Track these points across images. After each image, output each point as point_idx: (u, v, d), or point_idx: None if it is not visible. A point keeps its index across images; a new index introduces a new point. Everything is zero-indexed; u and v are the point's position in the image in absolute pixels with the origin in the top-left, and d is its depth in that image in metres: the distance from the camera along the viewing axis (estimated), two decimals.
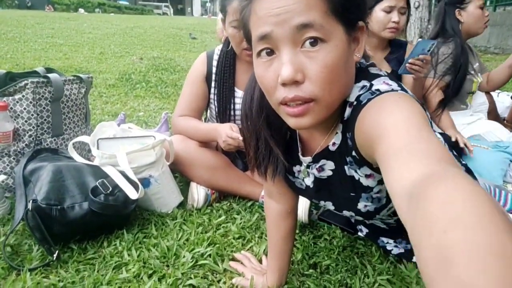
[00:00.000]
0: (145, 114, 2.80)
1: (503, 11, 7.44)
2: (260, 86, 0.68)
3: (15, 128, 1.47)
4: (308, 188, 0.89)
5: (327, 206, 0.93)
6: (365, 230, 1.23)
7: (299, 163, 0.87)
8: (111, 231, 1.27)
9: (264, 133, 0.80)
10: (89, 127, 1.79)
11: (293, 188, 0.95)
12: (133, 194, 1.27)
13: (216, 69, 1.54)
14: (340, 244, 1.25)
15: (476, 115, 1.99)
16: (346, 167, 0.77)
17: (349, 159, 0.74)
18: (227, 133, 1.39)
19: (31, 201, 1.11)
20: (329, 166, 0.80)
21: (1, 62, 4.51)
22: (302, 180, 0.90)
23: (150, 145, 1.39)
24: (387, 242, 1.16)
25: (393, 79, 0.69)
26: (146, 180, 1.39)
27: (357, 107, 0.65)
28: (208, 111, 1.68)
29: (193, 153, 1.51)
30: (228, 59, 1.53)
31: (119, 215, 1.26)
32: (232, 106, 1.56)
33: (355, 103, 0.66)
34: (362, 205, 0.83)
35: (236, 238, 1.28)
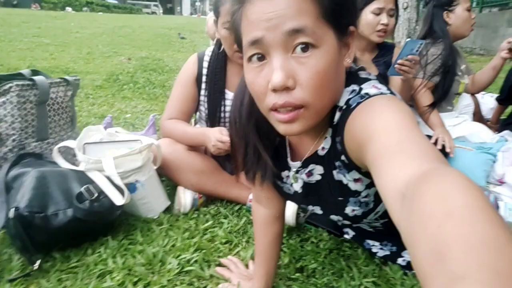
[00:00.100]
0: (132, 116, 2.77)
1: (488, 12, 7.56)
2: (250, 92, 0.68)
3: None
4: (296, 193, 0.90)
5: (315, 211, 0.93)
6: (351, 233, 1.24)
7: (287, 168, 0.87)
8: (95, 238, 1.25)
9: (253, 138, 0.80)
10: (75, 131, 1.77)
11: (281, 193, 0.95)
12: (119, 200, 1.25)
13: (208, 71, 1.53)
14: (326, 247, 1.26)
15: (461, 116, 2.01)
16: (334, 172, 0.77)
17: (338, 163, 0.75)
18: (217, 137, 1.38)
19: (13, 208, 1.09)
20: (318, 171, 0.81)
21: None
22: (290, 185, 0.90)
23: (137, 149, 1.37)
24: (373, 245, 1.17)
25: (382, 82, 0.69)
26: (132, 185, 1.37)
27: (346, 111, 0.65)
28: (197, 114, 1.67)
29: (180, 157, 1.50)
30: (219, 60, 1.52)
31: (105, 222, 1.25)
32: (223, 108, 1.55)
33: (344, 107, 0.66)
34: (350, 210, 0.84)
35: (223, 243, 1.27)
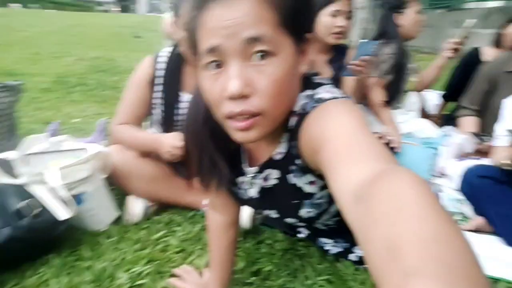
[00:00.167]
0: (82, 120, 2.65)
1: (434, 13, 7.95)
2: (205, 99, 0.66)
3: None
4: (253, 198, 0.89)
5: (271, 215, 0.93)
6: (305, 232, 1.25)
7: (243, 174, 0.87)
8: (36, 257, 1.17)
9: (208, 145, 0.79)
10: (16, 140, 1.66)
11: (237, 198, 0.95)
12: (64, 214, 1.19)
13: (165, 72, 1.47)
14: (281, 247, 1.27)
15: (409, 113, 2.11)
16: (290, 176, 0.78)
17: (293, 167, 0.76)
18: (170, 143, 1.34)
19: None
20: (274, 175, 0.81)
21: None
22: (246, 190, 0.90)
23: (84, 158, 1.31)
24: (326, 243, 1.20)
25: (336, 86, 0.71)
26: (79, 196, 1.31)
27: (301, 116, 0.66)
28: (151, 118, 1.61)
29: (131, 164, 1.45)
30: (175, 62, 1.47)
31: (48, 238, 1.17)
32: (178, 111, 1.51)
33: (299, 112, 0.67)
34: (305, 212, 0.85)
35: (176, 252, 1.24)
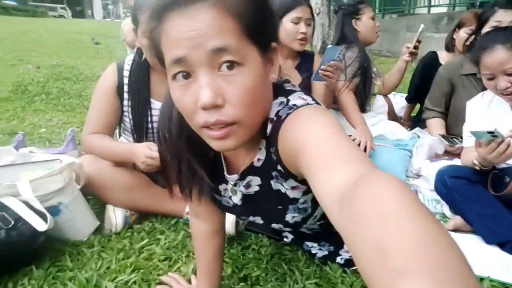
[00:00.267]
0: (47, 130, 2.53)
1: (389, 18, 8.36)
2: (178, 109, 0.65)
3: None
4: (236, 206, 0.89)
5: (256, 221, 0.93)
6: (290, 237, 1.27)
7: (225, 182, 0.86)
8: (17, 269, 1.12)
9: (186, 154, 0.77)
10: None
11: (220, 206, 0.94)
12: (40, 226, 1.14)
13: (129, 80, 1.44)
14: (268, 252, 1.27)
15: (378, 116, 2.19)
16: (272, 182, 0.79)
17: (275, 173, 0.76)
18: (146, 153, 1.31)
19: None
20: (255, 182, 0.81)
21: None
22: (229, 198, 0.89)
23: (57, 169, 1.26)
24: (312, 246, 1.21)
25: (307, 93, 0.72)
26: (55, 208, 1.25)
27: (277, 122, 0.67)
28: (122, 126, 1.57)
29: (106, 173, 1.40)
30: (141, 69, 1.45)
31: (26, 251, 1.12)
32: (150, 119, 1.48)
33: (275, 119, 0.68)
34: (290, 217, 0.86)
35: (161, 260, 1.22)
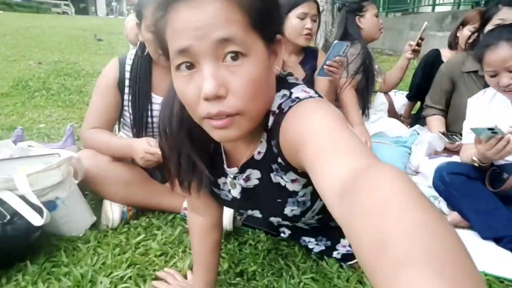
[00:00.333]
0: (47, 126, 2.52)
1: (393, 17, 8.33)
2: (181, 100, 0.65)
3: None
4: (235, 199, 0.89)
5: (255, 215, 0.93)
6: (287, 232, 1.26)
7: (224, 175, 0.86)
8: (11, 264, 1.12)
9: (186, 148, 0.77)
10: None
11: (219, 200, 0.94)
12: (37, 221, 1.13)
13: (130, 74, 1.44)
14: (264, 248, 1.27)
15: (378, 113, 2.19)
16: (272, 175, 0.79)
17: (275, 166, 0.76)
18: (145, 148, 1.30)
19: None
20: (255, 175, 0.81)
21: None
22: (228, 191, 0.89)
23: (55, 164, 1.25)
24: (309, 241, 1.21)
25: (310, 86, 0.72)
26: (52, 202, 1.25)
27: (279, 115, 0.66)
28: (122, 120, 1.57)
29: (105, 168, 1.40)
30: (143, 63, 1.44)
31: (21, 246, 1.12)
32: (150, 113, 1.48)
33: (277, 111, 0.67)
34: (289, 210, 0.86)
35: (157, 255, 1.22)
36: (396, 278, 0.26)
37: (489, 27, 1.76)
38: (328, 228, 1.11)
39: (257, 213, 0.92)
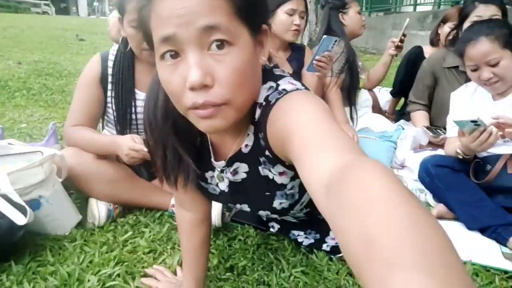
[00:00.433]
0: (28, 125, 2.47)
1: (376, 16, 8.46)
2: (164, 91, 0.64)
3: None
4: (223, 193, 0.88)
5: (243, 208, 0.93)
6: (276, 226, 1.26)
7: (211, 169, 0.85)
8: None
9: (171, 140, 0.75)
10: None
11: (206, 194, 0.93)
12: (20, 220, 1.10)
13: (113, 70, 1.41)
14: (254, 242, 1.27)
15: (363, 109, 2.21)
16: (260, 168, 0.78)
17: (263, 159, 0.75)
18: (129, 145, 1.28)
19: None
20: (243, 168, 0.80)
21: None
22: (215, 185, 0.88)
23: (38, 161, 1.22)
24: (298, 235, 1.22)
25: (296, 78, 0.71)
26: (36, 201, 1.22)
27: (266, 107, 0.65)
28: (105, 117, 1.54)
29: (90, 166, 1.37)
30: (126, 59, 1.42)
31: (4, 245, 1.08)
32: (134, 110, 1.45)
33: (264, 103, 0.66)
34: (278, 203, 0.85)
35: (146, 252, 1.20)
36: (387, 279, 0.25)
37: (467, 23, 1.81)
38: (317, 221, 1.11)
39: (245, 207, 0.91)
